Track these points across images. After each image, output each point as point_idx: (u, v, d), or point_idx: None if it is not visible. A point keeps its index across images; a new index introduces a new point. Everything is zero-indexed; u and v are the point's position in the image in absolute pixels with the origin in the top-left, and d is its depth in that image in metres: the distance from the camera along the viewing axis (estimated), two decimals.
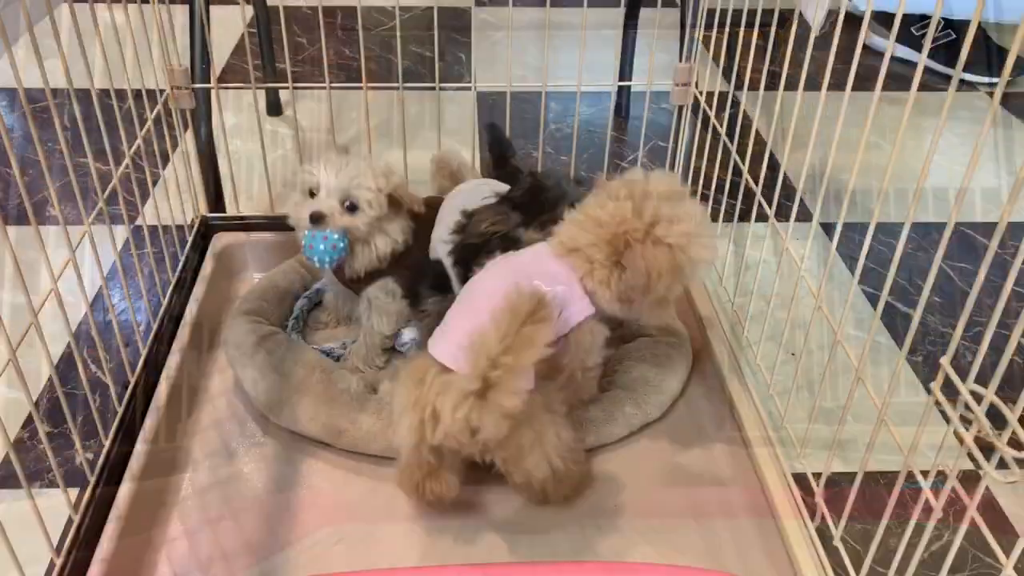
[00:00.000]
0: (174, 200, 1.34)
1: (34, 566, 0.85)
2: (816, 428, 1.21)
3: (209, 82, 1.41)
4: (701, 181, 1.40)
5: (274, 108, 2.01)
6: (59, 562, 0.91)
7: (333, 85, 1.36)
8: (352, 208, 1.16)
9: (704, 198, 1.40)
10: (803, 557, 0.94)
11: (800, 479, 1.04)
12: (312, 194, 1.16)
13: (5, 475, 1.13)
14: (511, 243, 1.14)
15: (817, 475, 0.98)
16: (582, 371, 1.10)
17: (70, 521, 0.96)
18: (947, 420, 0.69)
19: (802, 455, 1.04)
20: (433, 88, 1.43)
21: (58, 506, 0.96)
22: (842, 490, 0.94)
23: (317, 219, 1.14)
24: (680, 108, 1.46)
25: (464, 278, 1.15)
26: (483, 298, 1.00)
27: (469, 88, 1.98)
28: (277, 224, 1.47)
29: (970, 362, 0.67)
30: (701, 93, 1.42)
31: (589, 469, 1.12)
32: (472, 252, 1.16)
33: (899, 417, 1.24)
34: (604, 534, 1.06)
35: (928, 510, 0.76)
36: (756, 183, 1.19)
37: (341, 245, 1.15)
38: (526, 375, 0.88)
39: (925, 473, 0.79)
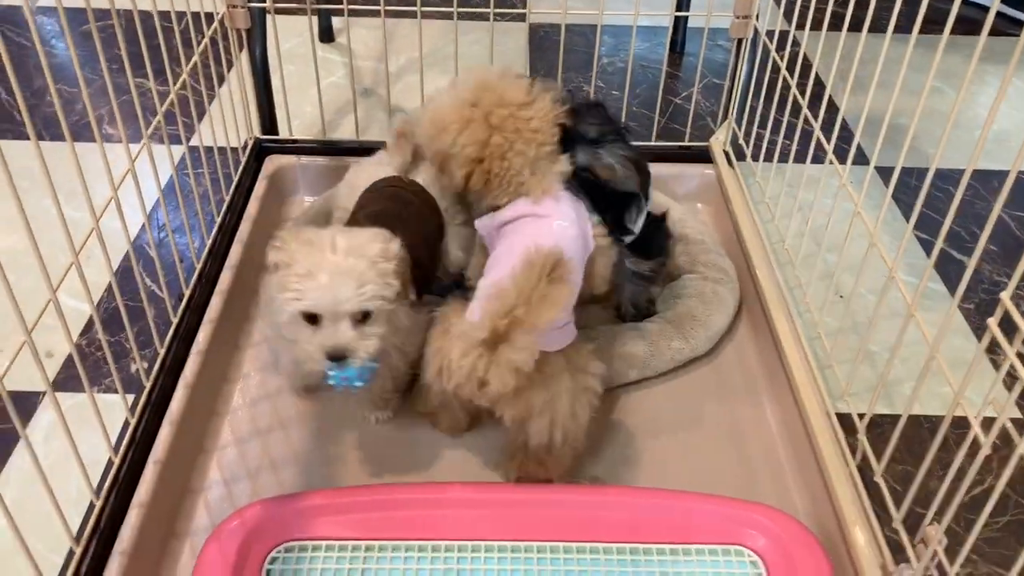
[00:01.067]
0: (229, 121, 1.35)
1: (93, 468, 0.88)
2: (861, 370, 1.20)
3: (264, 1, 1.41)
4: (757, 120, 1.37)
5: (326, 35, 2.00)
6: (116, 460, 0.95)
7: (387, 8, 1.35)
8: (365, 316, 0.89)
9: (759, 138, 1.38)
10: (843, 493, 0.94)
11: (843, 419, 1.03)
12: (311, 319, 0.89)
13: (65, 378, 1.17)
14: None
15: (861, 415, 0.98)
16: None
17: (127, 423, 0.99)
18: (996, 367, 0.68)
19: (847, 392, 1.03)
20: (487, 16, 1.41)
21: (115, 411, 0.99)
22: (884, 431, 0.93)
23: (339, 358, 0.88)
24: (739, 42, 1.42)
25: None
26: (510, 253, 0.97)
27: (524, 15, 1.95)
28: (329, 149, 1.49)
29: None
30: (761, 29, 1.38)
31: (579, 452, 1.04)
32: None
33: (948, 363, 1.23)
34: (642, 463, 1.07)
35: (973, 453, 0.75)
36: (814, 123, 1.16)
37: (374, 364, 0.94)
38: (539, 333, 0.84)
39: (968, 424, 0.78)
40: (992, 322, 0.69)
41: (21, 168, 0.70)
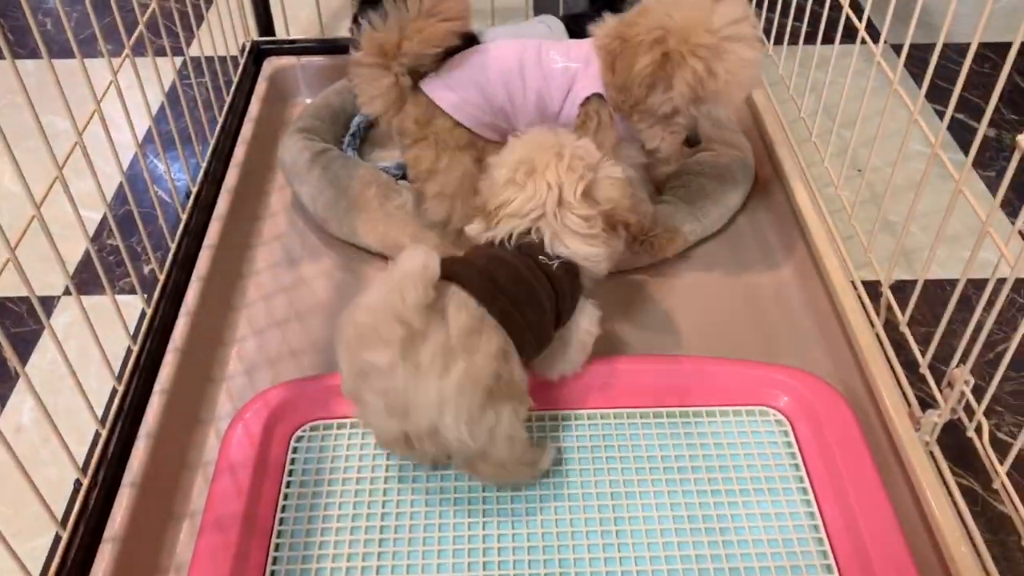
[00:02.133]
0: (227, 28, 1.32)
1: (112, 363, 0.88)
2: (883, 239, 1.19)
3: None
4: (765, 4, 1.33)
5: None
6: (136, 348, 0.94)
7: None
8: None
9: (768, 22, 1.34)
10: (869, 350, 0.93)
11: (867, 285, 1.02)
12: None
13: (78, 283, 1.16)
14: None
15: (883, 280, 0.97)
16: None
17: (143, 315, 0.99)
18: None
19: (870, 250, 1.02)
20: None
21: (130, 311, 0.99)
22: (907, 295, 0.92)
23: None
24: None
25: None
26: (493, 64, 0.99)
27: None
28: (328, 47, 1.45)
29: None
30: None
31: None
32: None
33: (967, 230, 1.21)
34: (665, 334, 1.07)
35: (992, 304, 0.74)
36: (826, 5, 1.13)
37: None
38: None
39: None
40: (1021, 138, 0.67)
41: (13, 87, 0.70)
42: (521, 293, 0.80)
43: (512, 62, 1.00)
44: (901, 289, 1.11)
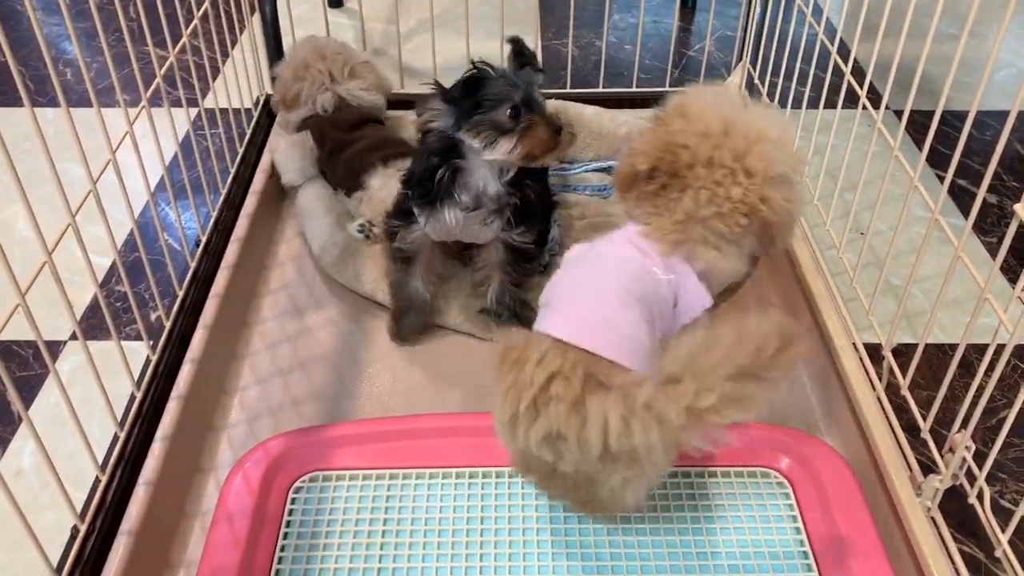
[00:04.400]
0: (241, 80, 1.36)
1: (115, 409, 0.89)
2: (884, 302, 1.19)
3: None
4: (770, 68, 1.36)
5: (335, 0, 2.00)
6: (139, 395, 0.95)
7: None
8: None
9: (772, 86, 1.37)
10: (870, 414, 0.93)
11: (868, 348, 1.03)
12: None
13: (85, 328, 1.17)
14: (451, 145, 0.98)
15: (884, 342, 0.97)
16: None
17: (147, 363, 0.99)
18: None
19: (872, 312, 1.02)
20: None
21: (135, 358, 1.00)
22: (909, 359, 0.93)
23: None
24: None
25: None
26: (610, 274, 0.81)
27: None
28: None
29: None
30: None
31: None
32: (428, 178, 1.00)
33: (968, 295, 1.22)
34: None
35: (993, 368, 0.74)
36: (828, 71, 1.15)
37: None
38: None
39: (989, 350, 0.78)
40: (1020, 206, 0.68)
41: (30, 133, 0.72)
42: None
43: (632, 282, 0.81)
44: (903, 352, 1.11)
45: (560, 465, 0.74)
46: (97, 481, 0.86)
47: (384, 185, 1.19)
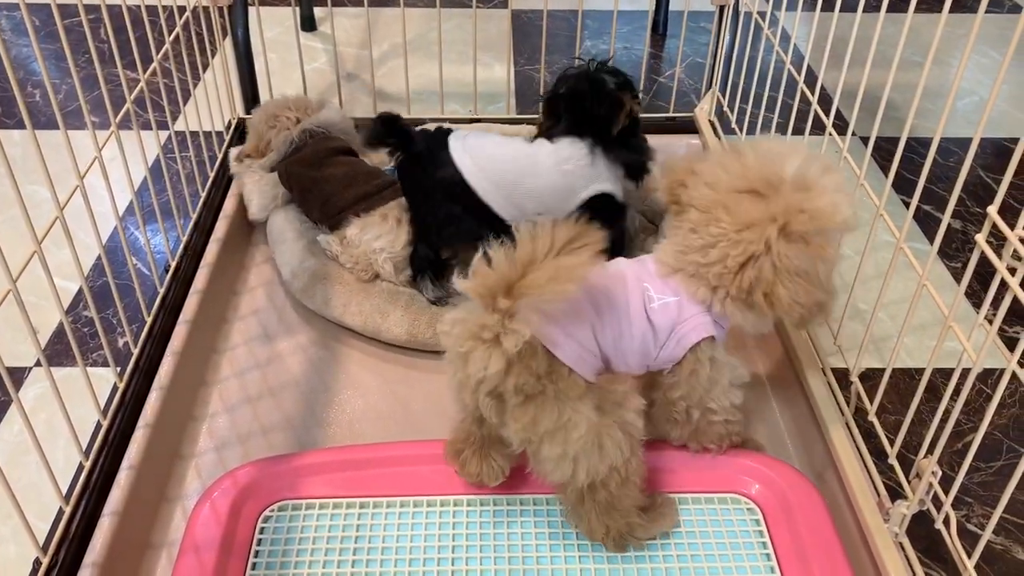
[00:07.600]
0: (213, 103, 1.35)
1: (80, 438, 0.87)
2: (851, 326, 1.21)
3: None
4: (739, 95, 1.38)
5: (308, 23, 2.00)
6: (105, 423, 0.94)
7: None
8: None
9: (741, 113, 1.39)
10: (838, 439, 0.94)
11: (836, 372, 1.04)
12: None
13: (50, 354, 1.15)
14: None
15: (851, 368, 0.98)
16: (701, 412, 0.89)
17: (115, 390, 0.98)
18: (979, 290, 0.68)
19: (839, 337, 1.03)
20: (470, 3, 1.41)
21: (102, 385, 0.98)
22: (876, 383, 0.94)
23: None
24: (721, 9, 1.43)
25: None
26: (600, 296, 0.83)
27: (506, 1, 1.96)
28: None
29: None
30: (752, 7, 1.39)
31: (656, 505, 0.90)
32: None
33: (934, 318, 1.23)
34: None
35: (959, 392, 0.75)
36: (796, 98, 1.17)
37: None
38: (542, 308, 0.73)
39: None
40: (981, 237, 0.69)
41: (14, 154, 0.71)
42: None
43: (622, 301, 0.84)
44: (870, 377, 1.12)
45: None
46: (61, 512, 0.85)
47: (361, 234, 1.19)
